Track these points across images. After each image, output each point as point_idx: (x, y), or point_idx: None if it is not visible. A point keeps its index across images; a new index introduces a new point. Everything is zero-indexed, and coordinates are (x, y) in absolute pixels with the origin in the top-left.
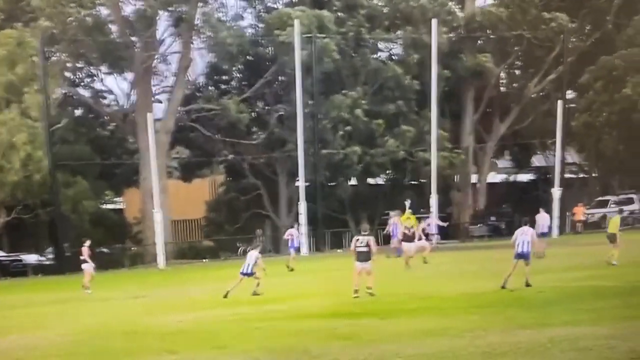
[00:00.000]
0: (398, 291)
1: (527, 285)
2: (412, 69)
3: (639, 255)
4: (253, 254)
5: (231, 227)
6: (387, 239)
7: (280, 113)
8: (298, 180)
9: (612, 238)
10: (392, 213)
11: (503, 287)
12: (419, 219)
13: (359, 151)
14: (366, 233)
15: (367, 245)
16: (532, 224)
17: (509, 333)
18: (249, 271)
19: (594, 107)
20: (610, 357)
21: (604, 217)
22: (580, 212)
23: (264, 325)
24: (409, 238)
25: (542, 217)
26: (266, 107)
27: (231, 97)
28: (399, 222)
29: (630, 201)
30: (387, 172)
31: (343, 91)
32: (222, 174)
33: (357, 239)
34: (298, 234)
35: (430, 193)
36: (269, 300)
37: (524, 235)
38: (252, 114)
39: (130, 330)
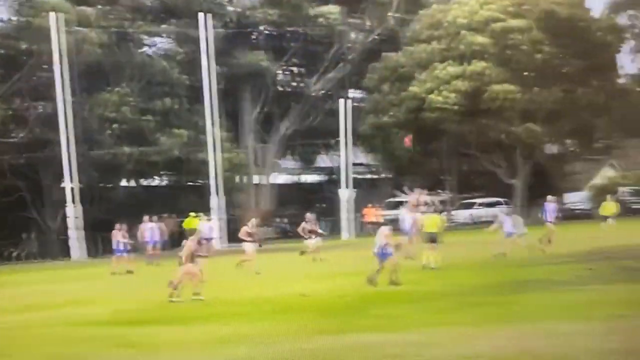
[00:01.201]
0: (188, 296)
1: (393, 283)
2: (181, 65)
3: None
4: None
5: None
6: None
7: (41, 110)
8: (64, 181)
9: (431, 238)
10: (145, 217)
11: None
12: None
13: (128, 151)
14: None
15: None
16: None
17: (308, 339)
18: None
19: (381, 106)
20: None
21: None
22: (372, 214)
23: (49, 331)
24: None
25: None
26: (25, 104)
27: None
28: (156, 227)
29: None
30: (164, 172)
31: (108, 87)
32: None
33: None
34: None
35: (211, 194)
36: (56, 306)
37: (380, 235)
38: (9, 111)
39: None
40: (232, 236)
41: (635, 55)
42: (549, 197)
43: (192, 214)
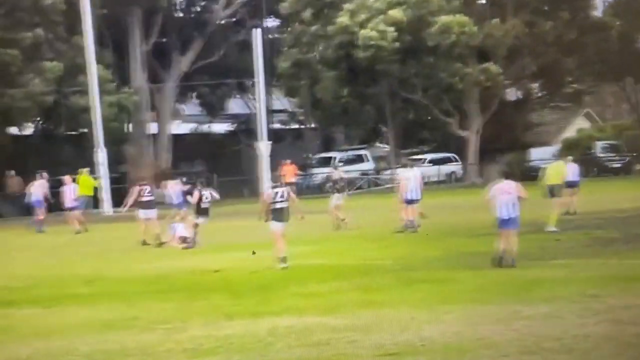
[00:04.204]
0: (62, 273)
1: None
2: None
3: (378, 227)
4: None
5: None
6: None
7: None
8: None
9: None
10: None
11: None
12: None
13: None
14: (278, 183)
15: (287, 198)
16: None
17: (216, 325)
18: None
19: (305, 39)
20: (353, 353)
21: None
22: (291, 172)
23: None
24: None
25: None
26: None
27: None
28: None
29: (360, 159)
30: (36, 119)
31: None
32: None
33: (274, 192)
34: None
35: (95, 147)
36: None
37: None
38: None
39: None
40: (118, 199)
41: None
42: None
43: (84, 170)
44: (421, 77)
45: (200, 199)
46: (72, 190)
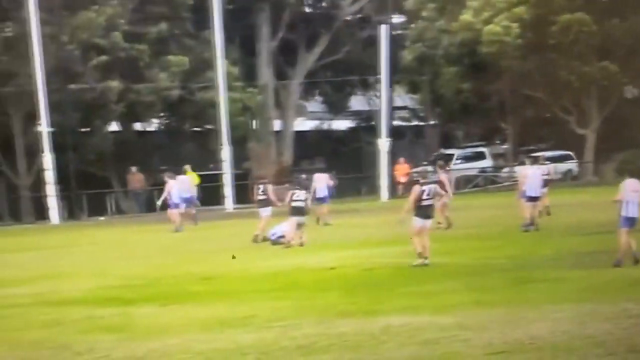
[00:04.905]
0: (179, 270)
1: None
2: None
3: (494, 225)
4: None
5: None
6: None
7: (8, 34)
8: (39, 124)
9: None
10: (167, 174)
11: None
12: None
13: (119, 86)
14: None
15: (434, 196)
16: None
17: (330, 322)
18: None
19: (429, 35)
20: (463, 352)
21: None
22: (404, 171)
23: (8, 313)
24: (265, 203)
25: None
26: None
27: None
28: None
29: (480, 156)
30: (161, 115)
31: (94, 6)
32: None
33: (422, 189)
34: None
35: (219, 144)
36: (13, 282)
37: None
38: None
39: None
40: (241, 195)
41: None
42: None
43: (187, 167)
44: (541, 74)
45: (291, 198)
46: (176, 188)
